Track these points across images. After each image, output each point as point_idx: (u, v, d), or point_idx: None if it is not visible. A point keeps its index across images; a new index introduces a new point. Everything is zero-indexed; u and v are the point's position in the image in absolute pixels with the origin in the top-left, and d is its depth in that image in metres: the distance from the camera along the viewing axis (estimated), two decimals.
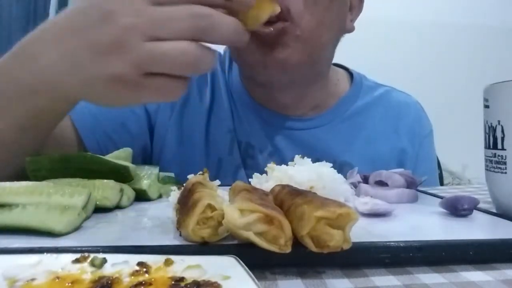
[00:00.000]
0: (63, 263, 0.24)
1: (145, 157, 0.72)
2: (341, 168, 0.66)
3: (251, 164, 0.71)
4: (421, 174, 0.56)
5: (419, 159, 0.76)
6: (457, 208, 0.42)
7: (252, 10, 0.42)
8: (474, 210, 0.43)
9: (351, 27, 0.70)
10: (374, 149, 0.73)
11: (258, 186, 0.45)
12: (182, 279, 0.23)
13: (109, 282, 0.22)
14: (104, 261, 0.24)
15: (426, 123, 0.81)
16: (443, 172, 1.90)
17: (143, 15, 0.37)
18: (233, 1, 0.39)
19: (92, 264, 0.24)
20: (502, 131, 0.45)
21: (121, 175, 0.47)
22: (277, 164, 0.60)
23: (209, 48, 0.39)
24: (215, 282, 0.22)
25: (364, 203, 0.42)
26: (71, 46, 0.40)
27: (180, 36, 0.37)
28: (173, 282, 0.22)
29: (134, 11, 0.37)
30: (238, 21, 0.40)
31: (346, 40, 0.74)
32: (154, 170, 0.54)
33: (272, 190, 0.39)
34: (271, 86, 0.69)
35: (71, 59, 0.40)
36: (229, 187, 0.40)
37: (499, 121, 0.45)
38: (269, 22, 0.56)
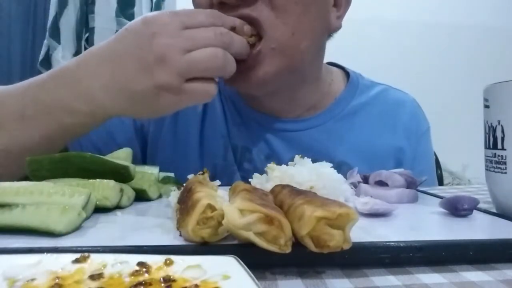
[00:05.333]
0: (63, 263, 0.24)
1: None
2: (339, 168, 0.63)
3: (248, 168, 0.71)
4: (419, 172, 0.56)
5: (416, 157, 0.75)
6: (457, 208, 0.42)
7: None
8: (474, 210, 0.43)
9: (338, 25, 0.67)
10: (372, 148, 0.73)
11: (258, 186, 0.45)
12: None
13: None
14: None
15: (423, 121, 0.81)
16: (443, 172, 1.91)
17: (179, 35, 0.47)
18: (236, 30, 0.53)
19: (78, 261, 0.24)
20: (502, 131, 0.45)
21: (121, 175, 0.47)
22: None
23: (231, 56, 0.50)
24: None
25: (364, 203, 0.42)
26: (119, 66, 0.48)
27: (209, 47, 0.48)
28: (163, 285, 0.22)
29: (171, 33, 0.47)
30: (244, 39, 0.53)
31: (347, 41, 0.74)
32: (154, 170, 0.54)
33: (272, 190, 0.39)
34: (258, 97, 0.70)
35: (120, 78, 0.48)
36: (229, 187, 0.40)
37: (499, 121, 0.45)
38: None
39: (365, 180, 0.55)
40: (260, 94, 0.68)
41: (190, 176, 0.45)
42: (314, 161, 0.51)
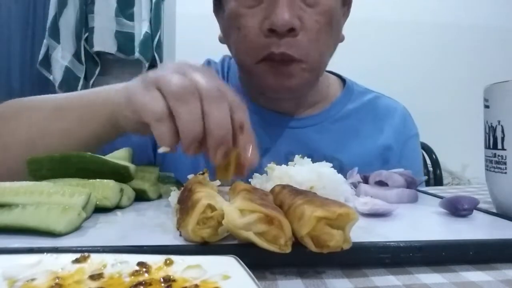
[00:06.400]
0: (63, 263, 0.24)
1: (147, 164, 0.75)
2: (331, 163, 0.72)
3: None
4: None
5: (403, 157, 0.80)
6: (457, 208, 0.42)
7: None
8: (474, 210, 0.43)
9: (342, 37, 0.76)
10: (361, 147, 0.78)
11: (258, 186, 0.45)
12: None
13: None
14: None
15: (412, 126, 0.86)
16: (443, 172, 1.90)
17: (161, 74, 0.45)
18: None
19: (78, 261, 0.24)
20: (502, 131, 0.45)
21: (121, 175, 0.47)
22: (271, 159, 0.63)
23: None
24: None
25: (364, 203, 0.42)
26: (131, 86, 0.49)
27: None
28: (163, 285, 0.22)
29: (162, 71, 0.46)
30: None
31: (347, 41, 0.76)
32: (154, 170, 0.54)
33: (272, 190, 0.39)
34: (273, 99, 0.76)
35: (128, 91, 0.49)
36: (229, 187, 0.40)
37: (499, 121, 0.45)
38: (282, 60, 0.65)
39: (365, 180, 0.55)
40: (283, 100, 0.76)
41: (190, 176, 0.45)
42: (308, 156, 0.53)
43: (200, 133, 0.42)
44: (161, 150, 0.42)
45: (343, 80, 0.87)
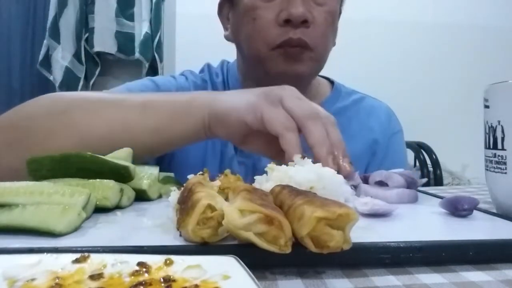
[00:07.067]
0: (63, 263, 0.24)
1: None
2: None
3: (246, 153, 0.81)
4: (391, 163, 0.58)
5: (388, 151, 0.86)
6: (457, 208, 0.42)
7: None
8: (474, 210, 0.43)
9: (334, 42, 0.85)
10: (351, 142, 0.86)
11: (258, 187, 0.45)
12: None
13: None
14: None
15: (396, 123, 0.92)
16: (443, 172, 1.90)
17: (282, 94, 0.55)
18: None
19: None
20: (502, 131, 0.45)
21: (121, 175, 0.47)
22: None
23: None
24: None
25: (364, 203, 0.42)
26: (249, 96, 0.56)
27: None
28: (163, 285, 0.22)
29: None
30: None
31: (347, 41, 0.76)
32: (154, 170, 0.54)
33: (272, 190, 0.39)
34: None
35: (247, 101, 0.56)
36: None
37: (499, 121, 0.45)
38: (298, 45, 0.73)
39: (365, 180, 0.55)
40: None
41: (190, 176, 0.45)
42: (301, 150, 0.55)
43: (330, 146, 0.52)
44: (295, 158, 0.49)
45: (331, 82, 0.94)
